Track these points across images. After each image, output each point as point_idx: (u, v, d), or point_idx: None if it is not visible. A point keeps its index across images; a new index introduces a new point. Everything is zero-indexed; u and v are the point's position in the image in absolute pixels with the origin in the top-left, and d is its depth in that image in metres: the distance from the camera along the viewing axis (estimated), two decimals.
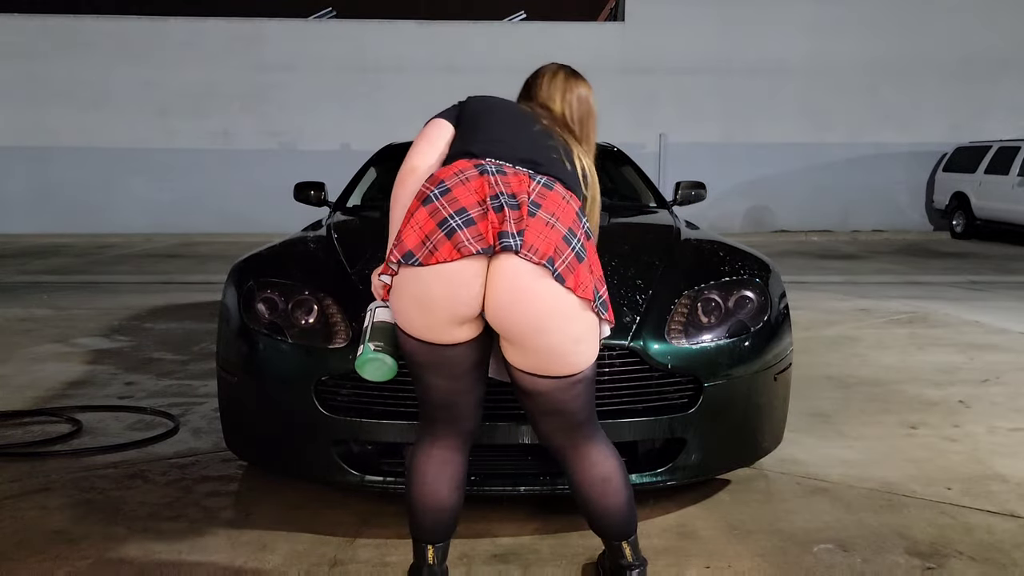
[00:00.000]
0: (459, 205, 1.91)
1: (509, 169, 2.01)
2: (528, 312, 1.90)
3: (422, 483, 2.07)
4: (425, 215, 1.92)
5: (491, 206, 1.91)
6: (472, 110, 2.20)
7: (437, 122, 2.21)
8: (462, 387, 2.04)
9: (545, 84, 2.29)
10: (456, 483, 2.09)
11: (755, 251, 3.23)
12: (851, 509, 2.84)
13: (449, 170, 2.00)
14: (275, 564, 2.45)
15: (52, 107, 14.29)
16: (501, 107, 2.23)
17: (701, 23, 14.64)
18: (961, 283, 8.53)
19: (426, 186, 1.99)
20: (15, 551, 2.52)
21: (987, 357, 5.11)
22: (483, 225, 1.89)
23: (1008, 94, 14.87)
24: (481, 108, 2.21)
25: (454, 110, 2.24)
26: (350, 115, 14.40)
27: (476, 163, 2.01)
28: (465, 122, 2.18)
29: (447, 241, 1.87)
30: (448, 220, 1.89)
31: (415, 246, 1.90)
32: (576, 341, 1.96)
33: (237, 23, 14.67)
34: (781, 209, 15.04)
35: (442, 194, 1.94)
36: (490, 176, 1.96)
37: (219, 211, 14.39)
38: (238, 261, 3.13)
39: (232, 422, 2.96)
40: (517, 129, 2.14)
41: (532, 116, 2.20)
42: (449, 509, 2.09)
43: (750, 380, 2.78)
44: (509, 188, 1.96)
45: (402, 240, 1.92)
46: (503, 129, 2.13)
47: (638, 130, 14.50)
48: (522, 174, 2.00)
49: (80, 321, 6.26)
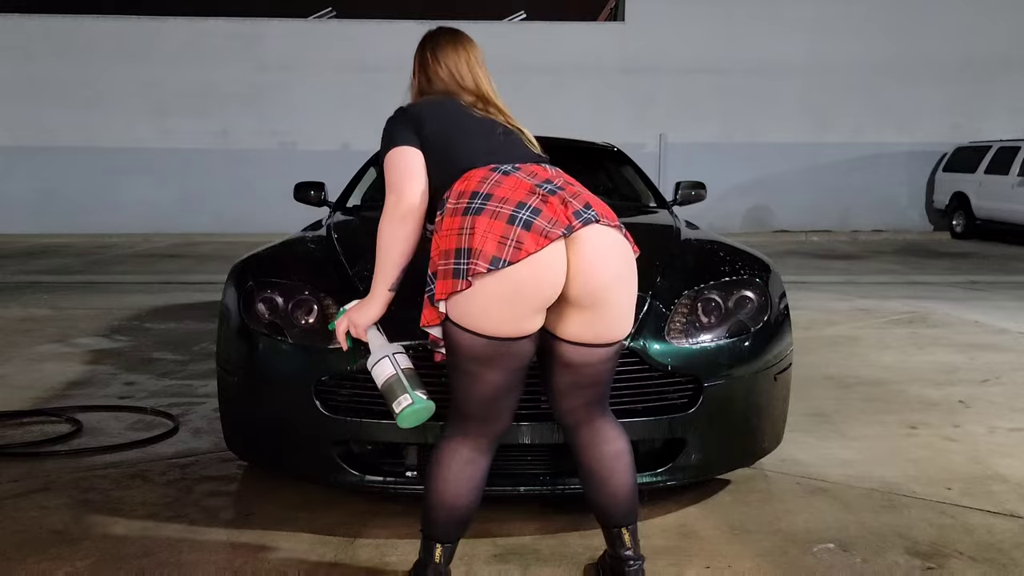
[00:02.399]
0: (515, 200, 1.94)
1: (520, 165, 2.06)
2: (613, 271, 1.99)
3: (444, 479, 2.07)
4: (487, 221, 1.92)
5: (544, 192, 1.97)
6: (430, 131, 2.16)
7: (407, 151, 2.15)
8: (514, 382, 2.06)
9: (454, 65, 2.29)
10: (476, 484, 2.09)
11: (755, 251, 3.23)
12: (851, 509, 2.84)
13: (471, 182, 2.01)
14: (275, 564, 2.45)
15: (52, 107, 14.30)
16: (453, 117, 2.20)
17: (701, 23, 14.65)
18: (961, 283, 8.53)
19: (457, 202, 1.99)
20: (15, 551, 2.52)
21: (987, 357, 5.11)
22: (550, 210, 1.93)
23: (1008, 94, 14.88)
24: (438, 126, 2.17)
25: (408, 133, 2.17)
26: (350, 115, 14.39)
27: (490, 168, 2.04)
28: (431, 144, 2.15)
29: (528, 233, 1.90)
30: (516, 215, 1.92)
31: (496, 250, 1.89)
32: (633, 299, 2.08)
33: (237, 23, 14.68)
34: (781, 209, 15.05)
35: (487, 200, 1.96)
36: (514, 173, 2.02)
37: (219, 211, 14.39)
38: (238, 261, 3.13)
39: (232, 422, 2.96)
40: (488, 136, 2.16)
41: (483, 117, 2.22)
42: (465, 508, 2.09)
43: (750, 380, 2.78)
44: (539, 177, 2.02)
45: (479, 250, 1.89)
46: (478, 140, 2.14)
47: (638, 130, 14.51)
48: (533, 165, 2.08)
49: (80, 321, 6.26)
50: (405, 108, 2.26)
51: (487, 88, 2.30)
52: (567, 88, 14.44)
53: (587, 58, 14.71)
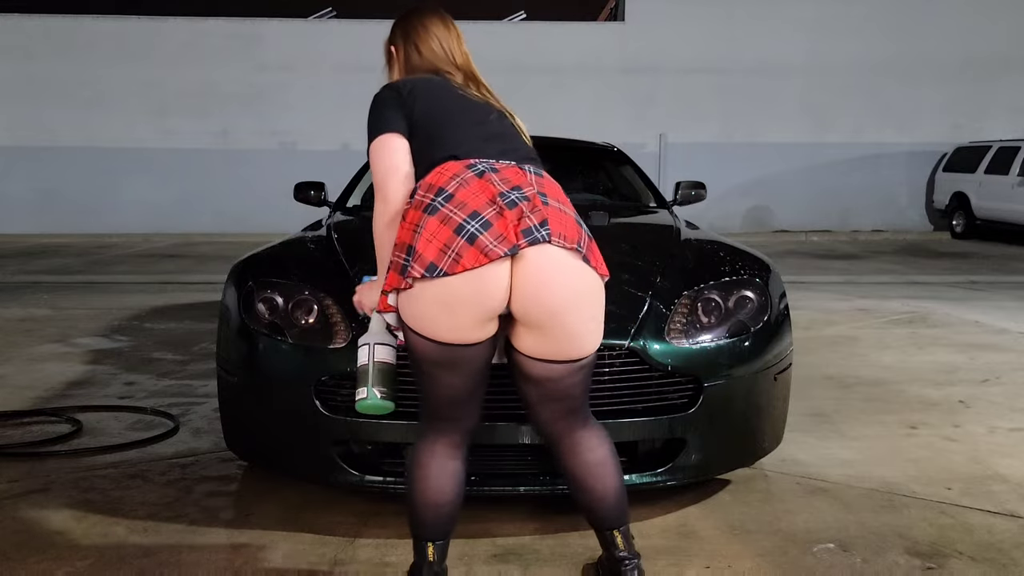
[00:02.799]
0: (470, 209, 1.89)
1: (500, 165, 2.01)
2: (559, 295, 1.93)
3: (425, 479, 2.07)
4: (436, 224, 1.88)
5: (503, 204, 1.90)
6: (422, 110, 2.10)
7: (391, 141, 2.09)
8: (473, 384, 2.04)
9: (445, 41, 2.26)
10: (458, 479, 2.09)
11: (755, 251, 3.23)
12: (851, 509, 2.84)
13: (442, 176, 1.97)
14: (275, 564, 2.45)
15: (52, 107, 14.30)
16: (448, 98, 2.14)
17: (701, 23, 14.65)
18: (961, 283, 8.53)
19: (423, 195, 1.95)
20: (15, 551, 2.52)
21: (987, 357, 5.11)
22: (501, 225, 1.87)
23: (1008, 94, 14.88)
24: (431, 106, 2.12)
25: (396, 115, 2.11)
26: (350, 115, 14.26)
27: (467, 164, 1.99)
28: (421, 126, 2.10)
29: (470, 247, 1.85)
30: (464, 225, 1.87)
31: (436, 257, 1.86)
32: (594, 320, 2.01)
33: (237, 23, 14.68)
34: (781, 209, 15.05)
35: (447, 200, 1.91)
36: (489, 174, 1.96)
37: (219, 211, 14.39)
38: (238, 261, 3.13)
39: (232, 422, 2.96)
40: (481, 123, 2.11)
41: (479, 100, 2.17)
42: (450, 504, 2.09)
43: (750, 380, 2.78)
44: (510, 183, 1.96)
45: (420, 253, 1.87)
46: (470, 127, 2.09)
47: (638, 130, 14.52)
48: (513, 167, 2.01)
49: (80, 321, 6.26)
50: (395, 84, 2.17)
51: (475, 68, 2.26)
52: (567, 88, 14.44)
53: (587, 58, 14.71)
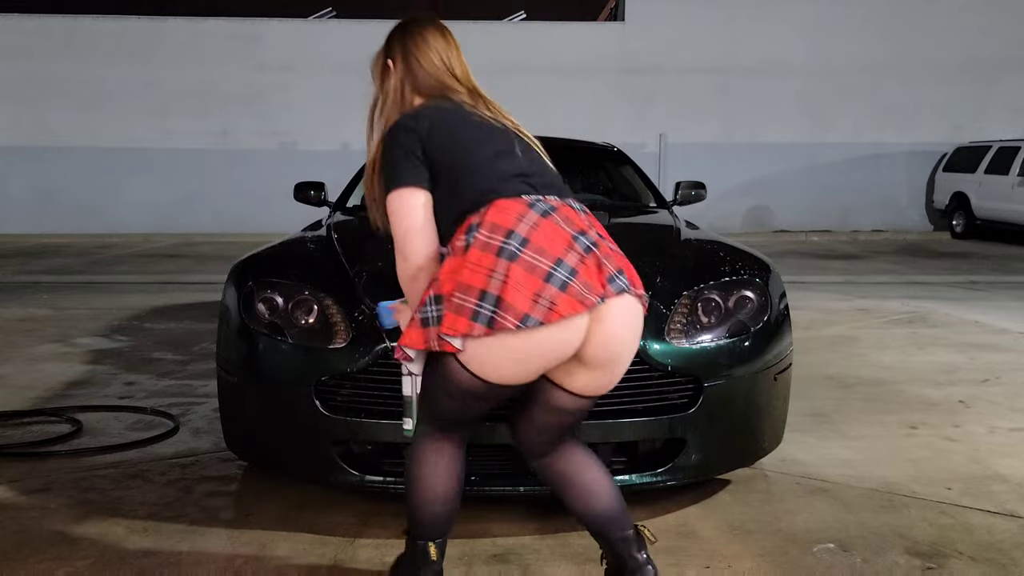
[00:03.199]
0: (552, 255, 1.84)
1: (553, 200, 1.96)
2: (627, 343, 1.95)
3: (426, 478, 2.07)
4: (522, 272, 1.82)
5: (580, 250, 1.88)
6: (445, 151, 1.99)
7: (412, 197, 1.98)
8: (494, 407, 2.05)
9: (445, 53, 2.15)
10: (458, 476, 2.09)
11: (755, 251, 3.23)
12: (851, 509, 2.84)
13: (506, 216, 1.88)
14: (275, 564, 2.45)
15: (52, 107, 14.30)
16: (467, 130, 2.03)
17: (701, 23, 14.65)
18: (961, 283, 8.53)
19: (489, 236, 1.86)
20: (15, 551, 2.52)
21: (987, 357, 5.11)
22: (586, 272, 1.85)
23: (1008, 94, 14.88)
24: (453, 144, 2.00)
25: (415, 163, 1.99)
26: (350, 115, 14.29)
27: (526, 203, 1.92)
28: (447, 168, 1.99)
29: (563, 294, 1.82)
30: (554, 273, 1.83)
31: (529, 307, 1.80)
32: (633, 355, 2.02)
33: (237, 23, 14.68)
34: (781, 209, 15.05)
35: (523, 245, 1.85)
36: (552, 215, 1.91)
37: (219, 211, 14.40)
38: (238, 261, 3.13)
39: (232, 422, 2.96)
40: (509, 154, 2.03)
41: (497, 125, 2.08)
42: (452, 502, 2.09)
43: (750, 380, 2.78)
44: (573, 224, 1.92)
45: (508, 303, 1.80)
46: (499, 161, 2.00)
47: (638, 130, 14.52)
48: (564, 205, 1.97)
49: (80, 321, 6.26)
50: (411, 122, 2.04)
51: (475, 81, 2.18)
52: (567, 88, 14.44)
53: (587, 58, 14.71)
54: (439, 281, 1.91)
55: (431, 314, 1.89)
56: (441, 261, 1.96)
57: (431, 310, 1.89)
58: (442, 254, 1.99)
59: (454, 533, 2.24)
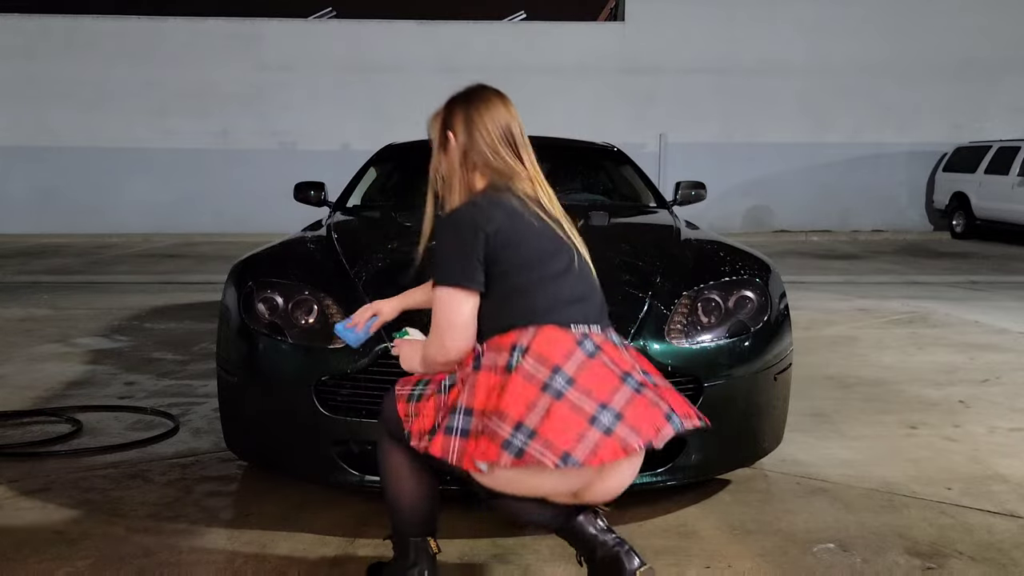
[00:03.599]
0: (599, 399, 1.84)
1: (597, 337, 1.95)
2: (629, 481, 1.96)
3: (413, 475, 2.09)
4: (567, 411, 1.81)
5: (628, 393, 1.87)
6: (506, 260, 1.94)
7: (465, 299, 1.94)
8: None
9: (516, 134, 2.06)
10: (430, 471, 2.10)
11: (755, 251, 3.23)
12: (851, 509, 2.84)
13: (554, 350, 1.87)
14: (275, 564, 2.45)
15: (52, 107, 14.30)
16: (531, 240, 1.96)
17: (701, 23, 14.65)
18: (961, 283, 8.53)
19: (535, 367, 1.85)
20: (15, 551, 2.52)
21: (987, 357, 5.11)
22: (633, 415, 1.83)
23: (1008, 94, 14.88)
24: (516, 254, 1.94)
25: (477, 267, 1.93)
26: (350, 115, 14.40)
27: (575, 339, 1.91)
28: (502, 278, 1.94)
29: (607, 439, 1.80)
30: (598, 417, 1.82)
31: (571, 447, 1.78)
32: None
33: (237, 23, 14.69)
34: (781, 209, 15.05)
35: (570, 384, 1.84)
36: (599, 355, 1.90)
37: (219, 211, 14.40)
38: (238, 261, 3.13)
39: (232, 422, 2.97)
40: (566, 273, 1.98)
41: (560, 237, 2.00)
42: (438, 494, 2.12)
43: (750, 380, 2.78)
44: (618, 367, 1.91)
45: (550, 441, 1.79)
46: (556, 281, 1.96)
47: (638, 130, 14.52)
48: (609, 341, 1.97)
49: (80, 321, 6.26)
50: (477, 221, 1.94)
51: (534, 158, 2.08)
52: (567, 88, 14.44)
53: (587, 58, 14.71)
54: (473, 391, 1.89)
55: (457, 424, 1.88)
56: (477, 360, 1.94)
57: (458, 420, 1.88)
58: (477, 352, 1.96)
59: (454, 533, 2.24)
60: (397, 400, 2.04)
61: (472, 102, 2.07)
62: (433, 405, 1.98)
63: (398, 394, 2.05)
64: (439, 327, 1.96)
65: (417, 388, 2.03)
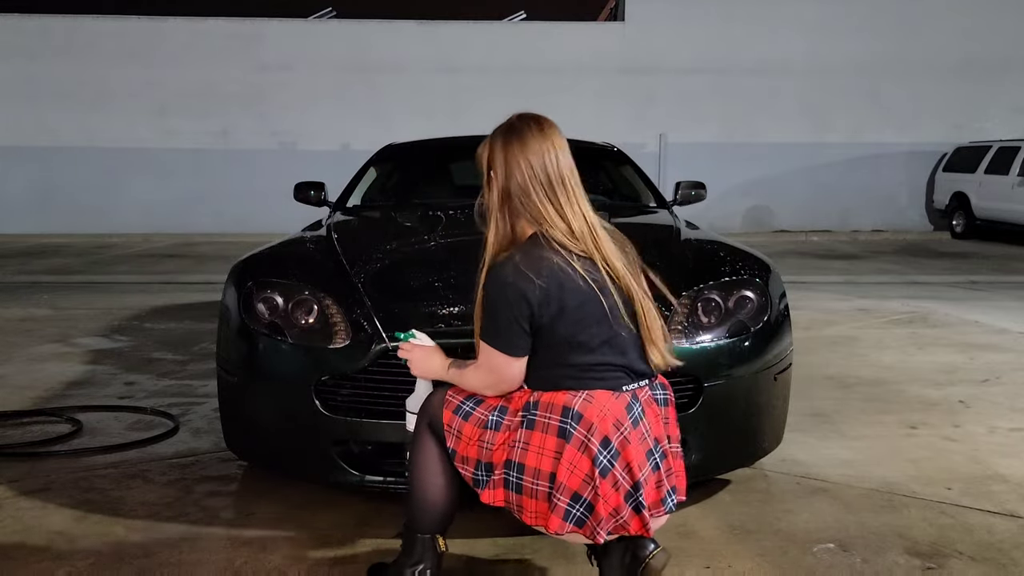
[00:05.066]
0: (634, 476, 1.90)
1: (640, 393, 1.99)
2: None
3: (443, 472, 2.09)
4: (609, 488, 1.89)
5: (651, 468, 1.94)
6: (552, 329, 1.92)
7: (510, 366, 1.95)
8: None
9: (548, 168, 1.97)
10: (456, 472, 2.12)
11: (755, 251, 3.22)
12: (851, 509, 2.84)
13: (603, 417, 1.90)
14: (275, 564, 2.45)
15: (52, 107, 14.30)
16: (579, 308, 1.93)
17: (701, 23, 14.65)
18: (961, 283, 8.53)
19: (584, 434, 1.88)
20: (15, 551, 2.52)
21: (987, 357, 5.11)
22: (650, 490, 1.93)
23: (1008, 94, 14.88)
24: (562, 324, 1.92)
25: (523, 336, 1.93)
26: (350, 115, 14.40)
27: (623, 404, 1.94)
28: (547, 338, 1.93)
29: (636, 516, 1.91)
30: (633, 494, 1.91)
31: (605, 521, 1.89)
32: None
33: (237, 23, 14.68)
34: (781, 209, 15.05)
35: (614, 458, 1.89)
36: (642, 424, 1.96)
37: (219, 211, 14.40)
38: (238, 261, 3.13)
39: (232, 422, 2.96)
40: (616, 338, 1.96)
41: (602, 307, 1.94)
42: (459, 496, 2.13)
43: (750, 380, 2.78)
44: (653, 432, 1.98)
45: (600, 514, 1.88)
46: (605, 348, 1.95)
47: (638, 130, 14.52)
48: (649, 399, 2.01)
49: (80, 321, 6.26)
50: (521, 287, 1.89)
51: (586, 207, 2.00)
52: (567, 88, 14.43)
53: (587, 58, 14.71)
54: (526, 450, 1.91)
55: (512, 479, 1.93)
56: (528, 412, 1.95)
57: (513, 475, 1.93)
58: (528, 401, 1.98)
59: (454, 532, 2.24)
60: (446, 405, 2.06)
61: (508, 138, 2.00)
62: (478, 437, 1.99)
63: (448, 399, 2.06)
64: (489, 374, 1.99)
65: (467, 404, 2.04)
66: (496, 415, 1.99)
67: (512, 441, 1.94)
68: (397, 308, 2.70)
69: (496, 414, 1.99)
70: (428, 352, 2.14)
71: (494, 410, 2.00)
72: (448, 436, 2.04)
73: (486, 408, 2.01)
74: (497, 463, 1.95)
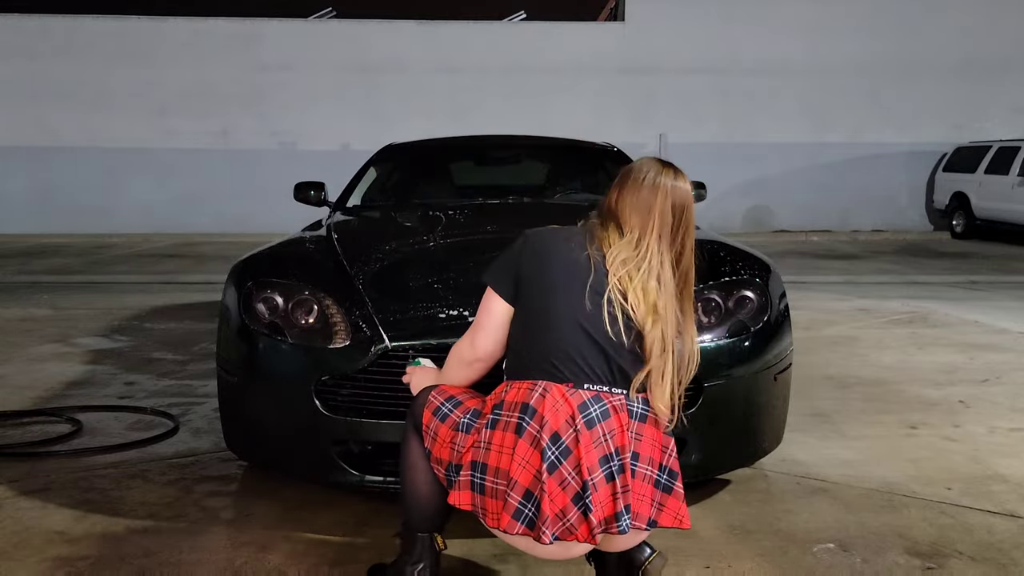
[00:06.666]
0: (583, 477, 1.85)
1: (607, 396, 1.93)
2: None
3: (423, 471, 2.10)
4: (556, 487, 1.85)
5: (604, 475, 1.87)
6: (538, 275, 1.98)
7: (491, 301, 2.05)
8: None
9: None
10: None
11: (755, 251, 3.22)
12: (851, 509, 2.84)
13: (556, 413, 1.88)
14: (275, 564, 2.44)
15: (52, 107, 14.30)
16: (563, 260, 1.97)
17: (701, 23, 14.65)
18: (961, 283, 8.53)
19: (539, 434, 1.87)
20: (15, 551, 2.52)
21: (987, 357, 5.11)
22: (599, 497, 1.86)
23: (1008, 94, 14.89)
24: (544, 274, 1.98)
25: (507, 277, 2.03)
26: (350, 115, 14.40)
27: (579, 402, 1.90)
28: (526, 297, 1.99)
29: (584, 522, 1.85)
30: (581, 496, 1.85)
31: (552, 522, 1.85)
32: None
33: (236, 23, 14.68)
34: (781, 209, 15.05)
35: (563, 456, 1.86)
36: (598, 427, 1.89)
37: (219, 211, 14.40)
38: (238, 261, 3.13)
39: (232, 422, 2.96)
40: (595, 318, 1.94)
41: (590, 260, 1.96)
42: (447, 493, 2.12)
43: (750, 380, 2.78)
44: (614, 439, 1.90)
45: (546, 514, 1.84)
46: (576, 326, 1.94)
47: (638, 130, 14.51)
48: (618, 406, 1.93)
49: (80, 321, 6.26)
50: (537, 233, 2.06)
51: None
52: (567, 88, 14.44)
53: (587, 58, 14.71)
54: (488, 450, 1.92)
55: (476, 480, 1.94)
56: (496, 411, 1.96)
57: (477, 476, 1.94)
58: (498, 399, 1.98)
59: (454, 533, 2.25)
60: (427, 406, 2.09)
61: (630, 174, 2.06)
62: (450, 440, 2.01)
63: (430, 400, 2.09)
64: (476, 322, 2.10)
65: (446, 406, 2.07)
66: (468, 418, 2.01)
67: (478, 442, 1.95)
68: (397, 308, 2.70)
69: (468, 417, 2.01)
70: (427, 372, 2.25)
71: (468, 413, 2.02)
72: (426, 437, 2.07)
73: (462, 411, 2.04)
74: (464, 464, 1.97)
